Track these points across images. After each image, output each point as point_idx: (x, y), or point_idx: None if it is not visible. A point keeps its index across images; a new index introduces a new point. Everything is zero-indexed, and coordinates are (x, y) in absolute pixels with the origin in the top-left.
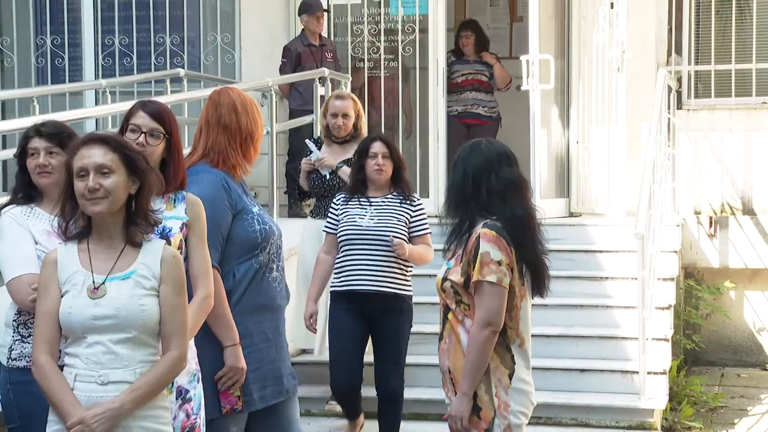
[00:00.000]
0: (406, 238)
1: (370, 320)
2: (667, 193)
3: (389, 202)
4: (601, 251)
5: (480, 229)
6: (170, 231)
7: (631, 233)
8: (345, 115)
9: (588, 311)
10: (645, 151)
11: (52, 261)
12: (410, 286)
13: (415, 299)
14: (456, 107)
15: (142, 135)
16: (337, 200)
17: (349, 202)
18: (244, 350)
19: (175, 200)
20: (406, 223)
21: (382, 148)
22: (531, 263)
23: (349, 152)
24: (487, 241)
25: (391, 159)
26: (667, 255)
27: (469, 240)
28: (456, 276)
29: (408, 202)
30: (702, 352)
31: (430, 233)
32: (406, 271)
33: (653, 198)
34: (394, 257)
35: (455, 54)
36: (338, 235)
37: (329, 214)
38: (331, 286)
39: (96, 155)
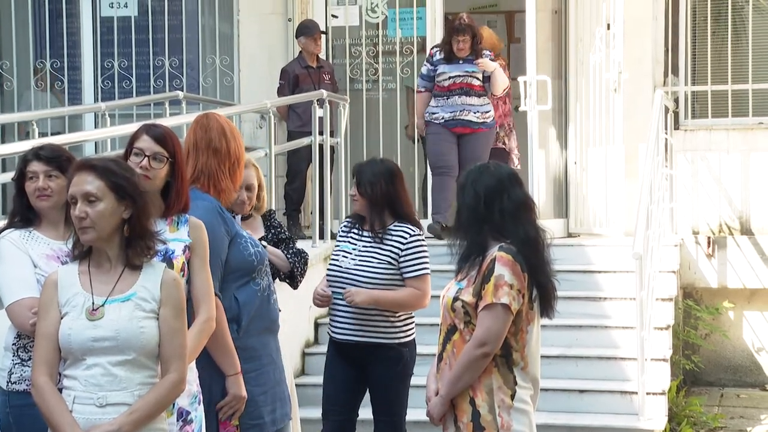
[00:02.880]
0: (387, 281)
1: (363, 367)
2: (665, 213)
3: (377, 239)
4: (599, 271)
5: (496, 252)
6: (173, 253)
7: (629, 253)
8: (249, 187)
9: (587, 332)
10: (642, 171)
11: (52, 283)
12: (404, 331)
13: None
14: (442, 114)
15: (146, 158)
16: (341, 226)
17: (347, 234)
18: (253, 372)
19: (178, 223)
20: (392, 263)
21: (353, 177)
22: (541, 285)
23: (259, 229)
24: (503, 264)
25: (364, 188)
26: (666, 275)
27: (483, 262)
28: (468, 296)
29: (396, 238)
30: (701, 372)
31: (427, 274)
32: (395, 317)
33: (651, 218)
34: None
35: (444, 56)
36: (326, 273)
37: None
38: (327, 331)
39: (83, 183)
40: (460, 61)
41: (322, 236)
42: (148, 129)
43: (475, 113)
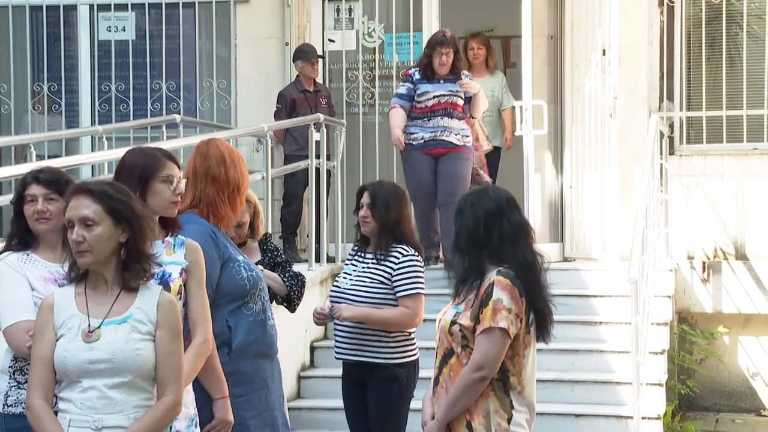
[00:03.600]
0: (379, 300)
1: (365, 387)
2: (660, 238)
3: (372, 259)
4: (595, 296)
5: (494, 276)
6: (170, 276)
7: (624, 278)
8: (238, 224)
9: (582, 356)
10: (638, 196)
11: (48, 305)
12: (399, 352)
13: None
14: (422, 134)
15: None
16: (352, 249)
17: (353, 257)
18: (244, 397)
19: (174, 245)
20: (385, 283)
21: (367, 199)
22: (539, 310)
23: (255, 253)
24: (501, 288)
25: (378, 210)
26: (661, 300)
27: (481, 286)
28: (466, 320)
29: (390, 258)
30: (696, 397)
31: (420, 294)
32: (389, 337)
33: (646, 243)
34: None
35: (423, 74)
36: (329, 294)
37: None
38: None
39: (80, 207)
40: (442, 81)
41: (318, 259)
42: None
43: (456, 135)
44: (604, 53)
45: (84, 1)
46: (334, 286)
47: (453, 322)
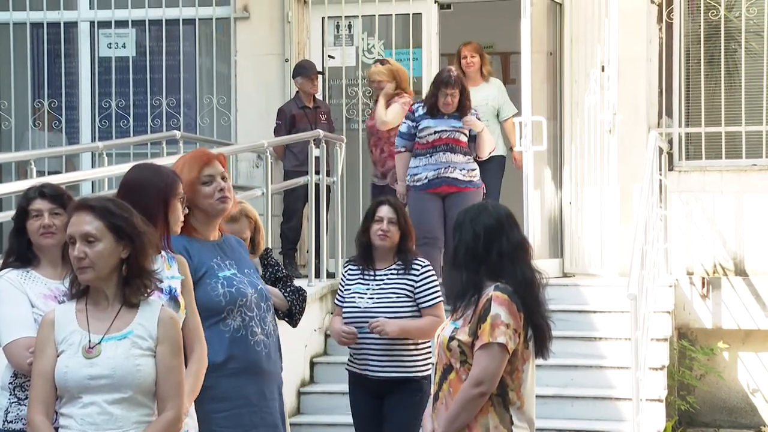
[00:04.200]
0: (408, 314)
1: (384, 399)
2: (660, 253)
3: (391, 275)
4: (594, 311)
5: (492, 292)
6: (176, 291)
7: (624, 294)
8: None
9: (582, 372)
10: (637, 212)
11: (49, 321)
12: (426, 363)
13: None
14: (425, 173)
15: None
16: (345, 270)
17: (355, 276)
18: (223, 413)
19: (168, 260)
20: (409, 296)
21: (389, 213)
22: (537, 325)
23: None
24: (499, 304)
25: (398, 225)
26: (660, 315)
27: (479, 301)
28: (464, 336)
29: (411, 271)
30: (696, 413)
31: (441, 301)
32: (417, 349)
33: (646, 258)
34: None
35: (428, 110)
36: (343, 313)
37: (339, 286)
38: (346, 366)
39: (82, 223)
40: (445, 117)
41: (318, 275)
42: None
43: (461, 170)
44: (603, 69)
45: (85, 18)
46: (349, 306)
47: (451, 338)
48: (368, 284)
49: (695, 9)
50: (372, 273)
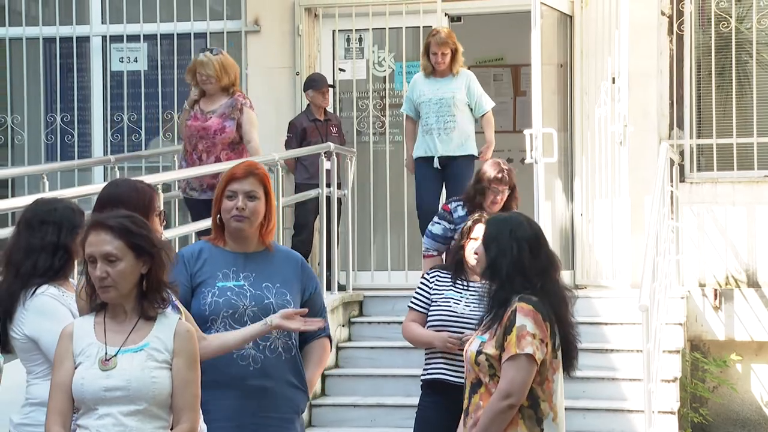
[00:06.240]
0: None
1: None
2: (671, 265)
3: (480, 287)
4: (606, 323)
5: (516, 303)
6: (174, 300)
7: (635, 305)
8: None
9: (594, 383)
10: (648, 223)
11: (68, 334)
12: None
13: None
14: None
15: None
16: (431, 277)
17: (447, 283)
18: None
19: None
20: None
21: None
22: (565, 339)
23: None
24: (524, 314)
25: None
26: (672, 327)
27: (504, 314)
28: (491, 349)
29: None
30: (709, 425)
31: None
32: None
33: (657, 270)
34: None
35: (469, 209)
36: (430, 317)
37: (417, 291)
38: (421, 375)
39: (102, 243)
40: None
41: (329, 288)
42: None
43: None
44: (613, 81)
45: (97, 33)
46: (445, 311)
47: (479, 352)
48: (461, 293)
49: (706, 21)
50: (464, 283)
